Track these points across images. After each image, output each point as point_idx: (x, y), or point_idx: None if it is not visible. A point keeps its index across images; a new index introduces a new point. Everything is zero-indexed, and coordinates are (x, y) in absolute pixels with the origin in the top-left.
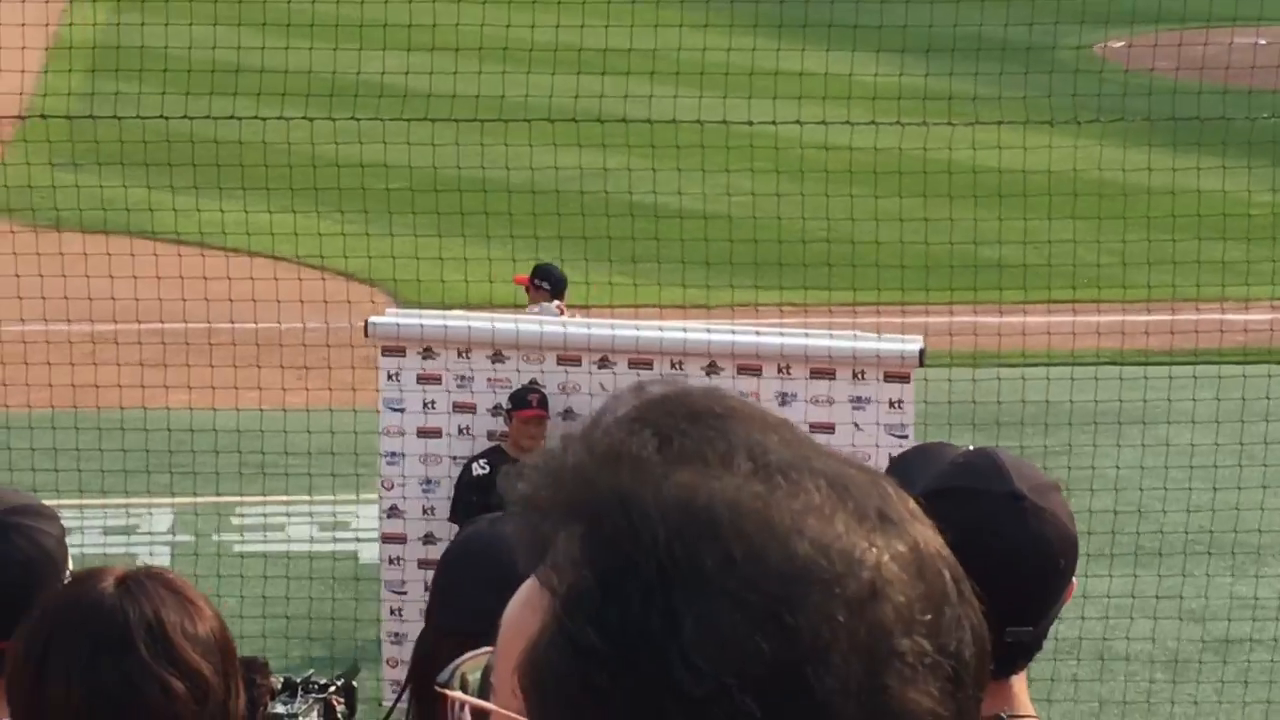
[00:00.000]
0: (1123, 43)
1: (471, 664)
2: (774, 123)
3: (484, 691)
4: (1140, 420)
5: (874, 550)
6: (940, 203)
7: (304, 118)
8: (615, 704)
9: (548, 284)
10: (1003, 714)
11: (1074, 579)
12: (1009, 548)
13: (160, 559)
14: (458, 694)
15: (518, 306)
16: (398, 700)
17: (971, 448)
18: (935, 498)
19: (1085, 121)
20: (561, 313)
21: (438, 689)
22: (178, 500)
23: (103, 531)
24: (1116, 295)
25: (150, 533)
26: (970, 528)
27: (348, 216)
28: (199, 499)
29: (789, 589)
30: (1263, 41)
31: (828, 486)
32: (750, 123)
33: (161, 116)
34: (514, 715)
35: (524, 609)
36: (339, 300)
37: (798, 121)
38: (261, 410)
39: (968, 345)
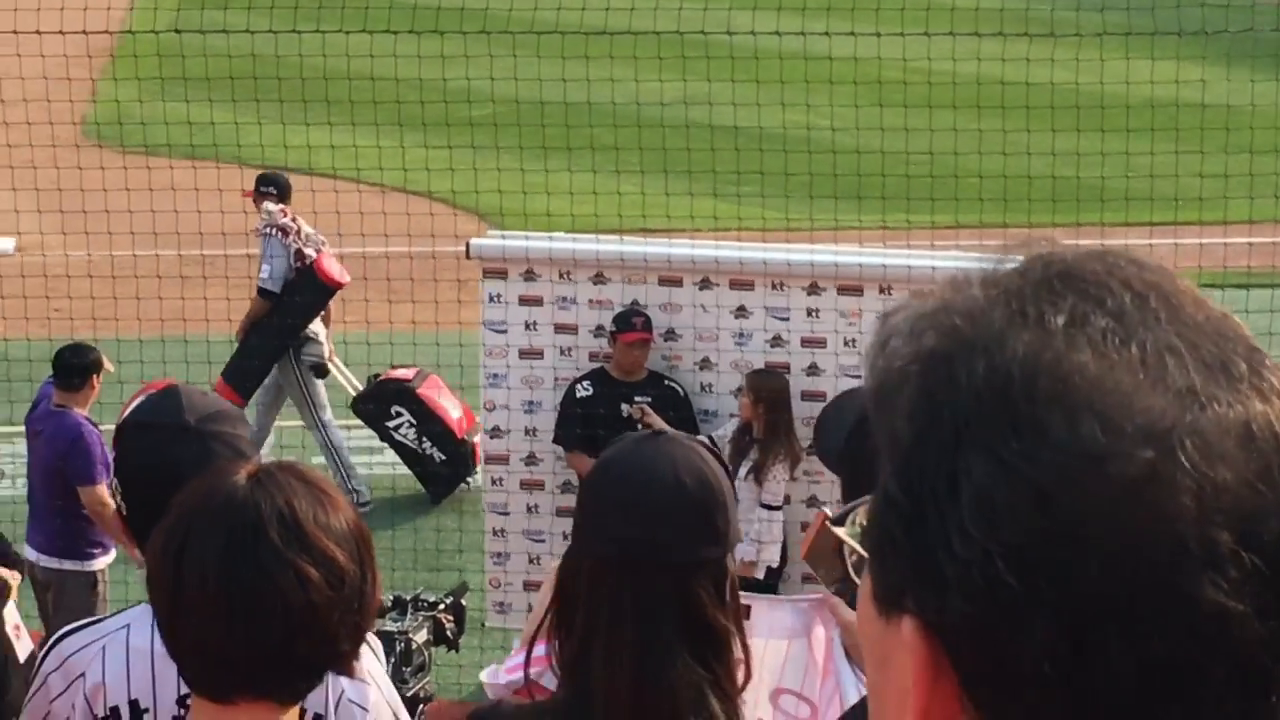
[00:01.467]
0: None
1: (865, 508)
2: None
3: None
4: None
5: (1176, 429)
6: (1041, 130)
7: (403, 30)
8: (905, 556)
9: (274, 188)
10: None
11: None
12: None
13: None
14: (842, 533)
15: (611, 231)
16: (541, 623)
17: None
18: (867, 423)
19: (1158, 34)
20: (285, 215)
21: (829, 526)
22: (289, 424)
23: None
24: (1217, 216)
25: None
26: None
27: (439, 144)
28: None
29: (1063, 465)
30: None
31: (1162, 349)
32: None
33: (251, 31)
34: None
35: None
36: (423, 226)
37: (897, 35)
38: (345, 335)
39: None
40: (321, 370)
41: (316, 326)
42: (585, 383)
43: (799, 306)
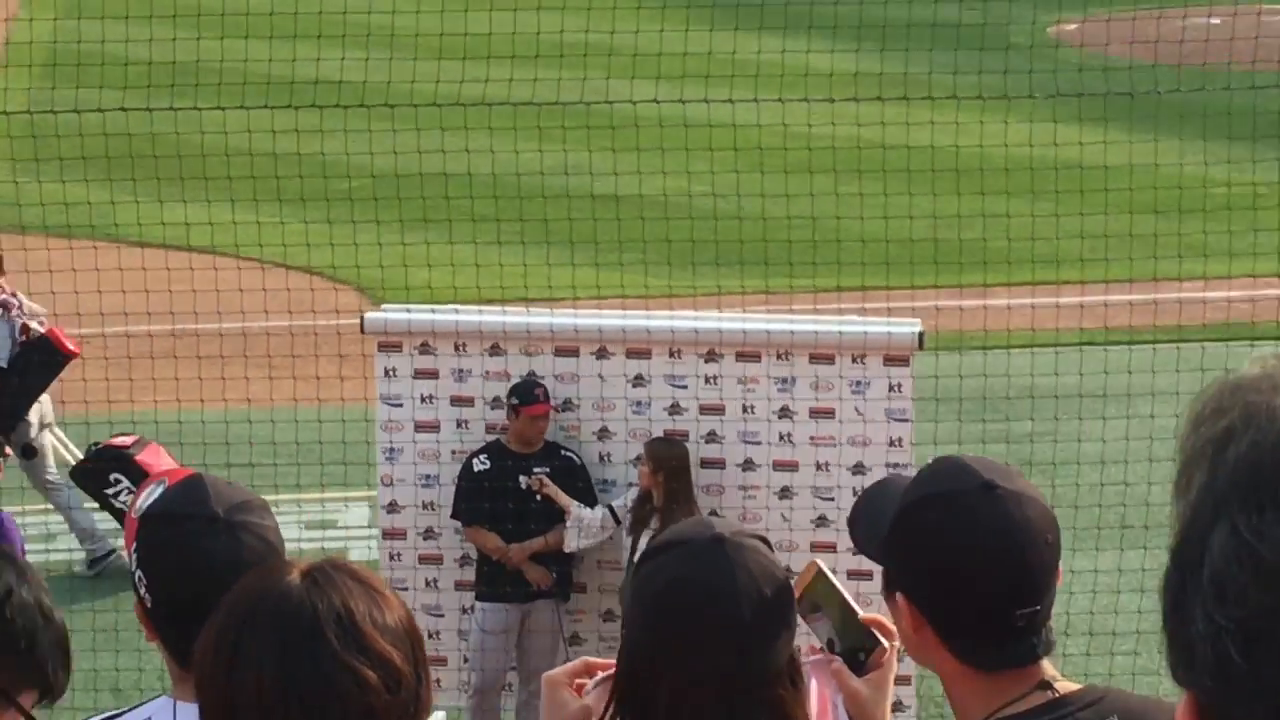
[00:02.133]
0: (1071, 25)
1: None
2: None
3: None
4: (1104, 402)
5: None
6: (922, 193)
7: (280, 105)
8: (1171, 634)
9: None
10: (1044, 679)
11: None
12: (995, 534)
13: None
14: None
15: (505, 302)
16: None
17: (931, 459)
18: (914, 508)
19: (1045, 98)
20: (5, 290)
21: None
22: None
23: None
24: (1098, 275)
25: None
26: (953, 526)
27: (318, 218)
28: None
29: None
30: (1216, 21)
31: None
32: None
33: (128, 109)
34: None
35: None
36: (303, 300)
37: (754, 101)
38: (226, 416)
39: (952, 330)
40: (29, 451)
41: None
42: (482, 456)
43: (696, 374)
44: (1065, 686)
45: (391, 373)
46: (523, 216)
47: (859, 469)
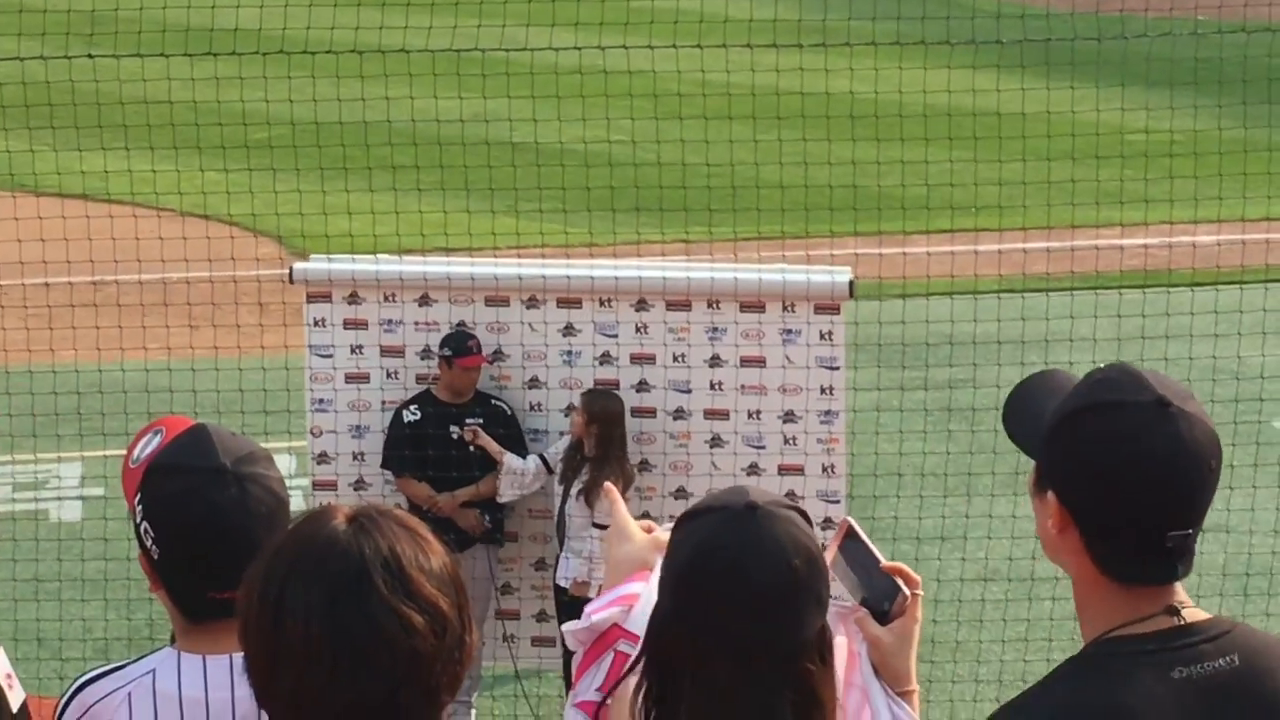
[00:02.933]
0: None
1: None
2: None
3: None
4: (1042, 348)
5: None
6: (841, 139)
7: (198, 53)
8: None
9: None
10: (1174, 604)
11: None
12: (1164, 452)
13: (71, 513)
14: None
15: (425, 252)
16: (627, 673)
17: (1103, 365)
18: (1082, 413)
19: (962, 44)
20: None
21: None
22: (90, 454)
23: (14, 488)
24: (994, 223)
25: (62, 488)
26: (1123, 437)
27: (238, 168)
28: (111, 453)
29: None
30: None
31: None
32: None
33: (46, 57)
34: None
35: None
36: (223, 250)
37: (673, 47)
38: (146, 365)
39: (872, 279)
40: None
41: None
42: (412, 407)
43: (627, 322)
44: (1193, 614)
45: (320, 323)
46: (442, 164)
47: (789, 417)
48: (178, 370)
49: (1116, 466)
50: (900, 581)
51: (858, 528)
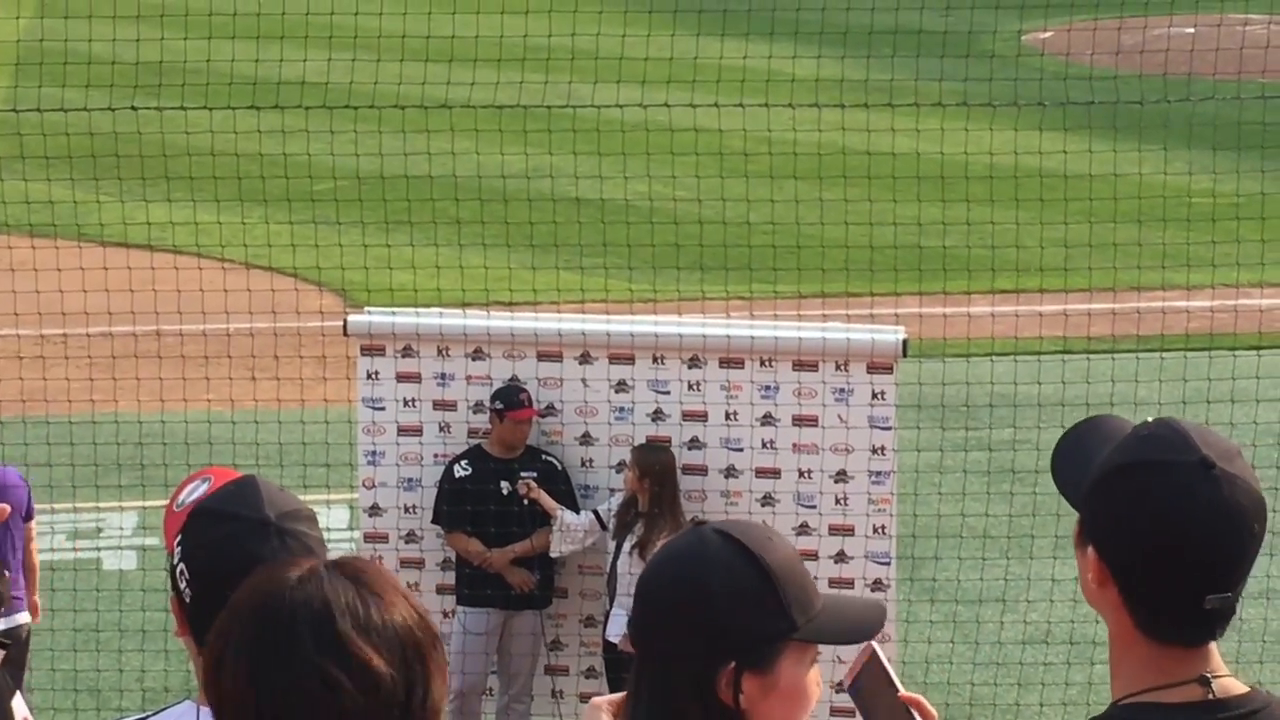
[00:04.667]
0: (1051, 33)
1: None
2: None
3: None
4: (1085, 410)
5: None
6: (883, 200)
7: (243, 105)
8: None
9: None
10: (1206, 674)
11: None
12: (1205, 515)
13: (127, 562)
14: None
15: (487, 305)
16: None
17: (1151, 419)
18: (1126, 470)
19: (1024, 105)
20: None
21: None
22: (130, 505)
23: (62, 536)
24: (1059, 284)
25: (108, 536)
26: (1165, 498)
27: (283, 219)
28: (151, 503)
29: None
30: (1189, 30)
31: None
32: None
33: (92, 109)
34: None
35: None
36: (289, 304)
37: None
38: (209, 416)
39: (917, 338)
40: None
41: None
42: (463, 462)
43: (679, 380)
44: (1226, 687)
45: (374, 376)
46: (506, 220)
47: (841, 476)
48: (239, 421)
49: (1156, 527)
50: (916, 715)
51: (881, 654)
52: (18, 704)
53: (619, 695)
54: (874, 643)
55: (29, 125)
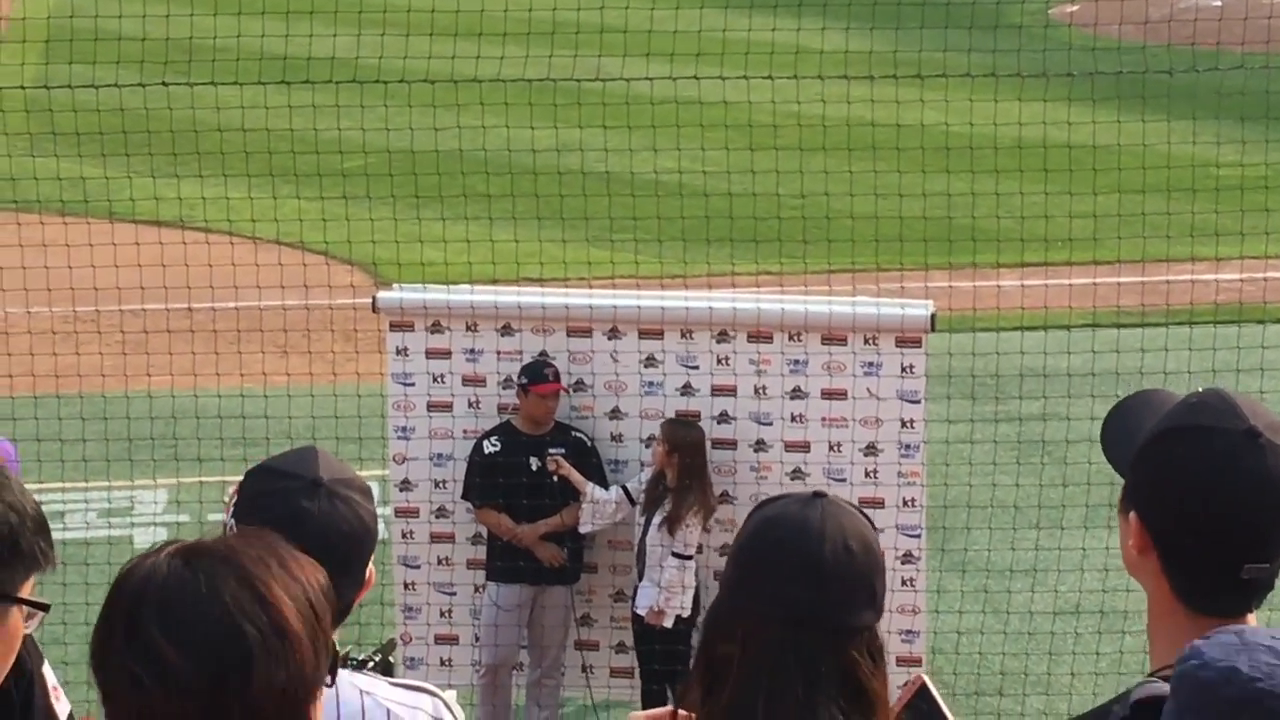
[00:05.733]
0: (1077, 6)
1: None
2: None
3: None
4: (1115, 382)
5: None
6: (913, 170)
7: (274, 81)
8: None
9: None
10: None
11: None
12: (1248, 483)
13: (160, 538)
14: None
15: (517, 281)
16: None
17: (1201, 389)
18: (1171, 436)
19: (1054, 76)
20: None
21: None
22: (165, 482)
23: (94, 514)
24: (1087, 256)
25: (141, 514)
26: (1208, 465)
27: (313, 196)
28: (185, 480)
29: None
30: (1216, 2)
31: None
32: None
33: (123, 85)
34: None
35: None
36: (320, 280)
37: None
38: (242, 391)
39: (945, 311)
40: None
41: None
42: (492, 438)
43: (708, 354)
44: None
45: (403, 352)
46: (536, 194)
47: (871, 450)
48: (271, 396)
49: (1198, 493)
50: None
51: (932, 687)
52: (47, 670)
53: (661, 711)
54: (924, 674)
55: (60, 103)
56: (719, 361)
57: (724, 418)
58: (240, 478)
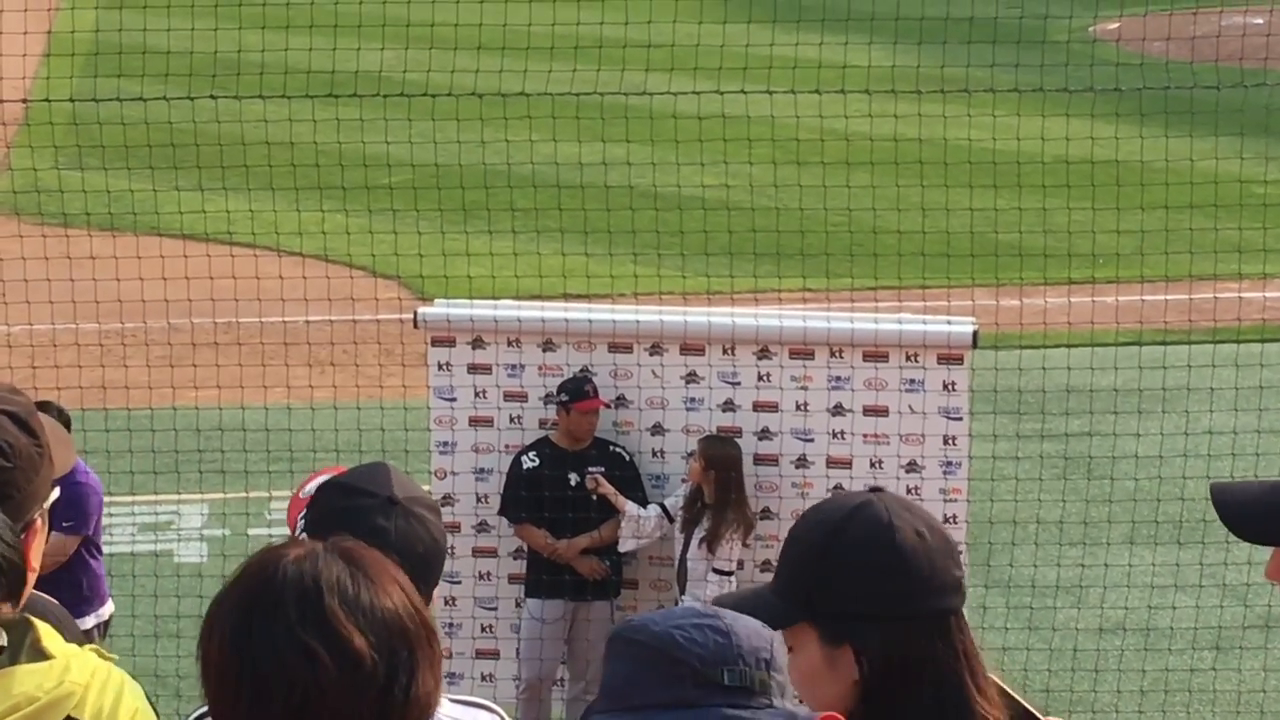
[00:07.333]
0: (1116, 24)
1: None
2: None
3: None
4: (1161, 399)
5: None
6: (958, 187)
7: (320, 95)
8: None
9: None
10: None
11: None
12: None
13: (194, 553)
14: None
15: (545, 297)
16: None
17: None
18: None
19: (1100, 91)
20: None
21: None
22: (210, 496)
23: (137, 528)
24: (1134, 273)
25: (184, 529)
26: None
27: (359, 210)
28: (231, 495)
29: None
30: (1259, 20)
31: None
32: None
33: (170, 98)
34: None
35: None
36: (364, 295)
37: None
38: (290, 406)
39: (990, 329)
40: None
41: None
42: (531, 454)
43: (750, 370)
44: None
45: (445, 367)
46: (561, 208)
47: (913, 467)
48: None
49: None
50: None
51: (1008, 688)
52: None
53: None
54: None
55: (107, 116)
56: (761, 378)
57: (766, 434)
58: (285, 492)
